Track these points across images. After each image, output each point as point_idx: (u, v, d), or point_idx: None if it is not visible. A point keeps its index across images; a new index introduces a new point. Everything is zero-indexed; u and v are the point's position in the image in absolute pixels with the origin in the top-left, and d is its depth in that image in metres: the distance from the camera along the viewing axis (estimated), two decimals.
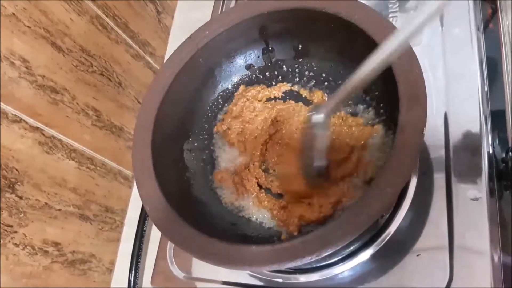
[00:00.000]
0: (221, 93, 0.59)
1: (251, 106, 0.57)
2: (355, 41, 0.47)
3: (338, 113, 0.52)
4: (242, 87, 0.58)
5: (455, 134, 0.53)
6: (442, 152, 0.52)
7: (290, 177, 0.51)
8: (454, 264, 0.47)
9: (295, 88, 0.57)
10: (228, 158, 0.56)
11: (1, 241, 0.52)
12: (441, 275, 0.47)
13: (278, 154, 0.53)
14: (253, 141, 0.55)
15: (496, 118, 0.52)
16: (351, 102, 0.52)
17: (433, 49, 0.57)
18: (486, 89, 0.54)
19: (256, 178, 0.53)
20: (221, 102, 0.59)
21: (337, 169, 0.48)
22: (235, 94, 0.59)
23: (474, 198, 0.49)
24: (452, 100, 0.54)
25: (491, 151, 0.50)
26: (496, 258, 0.46)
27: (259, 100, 0.57)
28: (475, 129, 0.52)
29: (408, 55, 0.42)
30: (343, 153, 0.48)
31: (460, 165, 0.51)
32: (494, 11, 0.59)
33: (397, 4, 0.62)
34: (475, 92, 0.53)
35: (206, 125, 0.58)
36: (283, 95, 0.57)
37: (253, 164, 0.53)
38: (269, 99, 0.58)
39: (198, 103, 0.58)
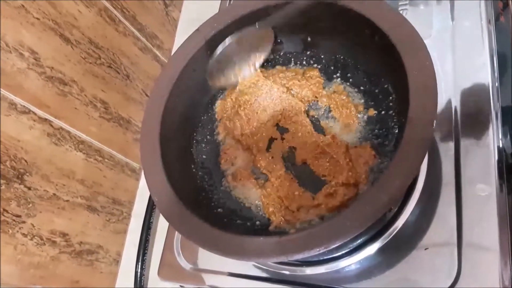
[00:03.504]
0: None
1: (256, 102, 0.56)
2: (364, 33, 0.47)
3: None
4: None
5: (465, 129, 0.52)
6: (452, 146, 0.52)
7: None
8: (462, 259, 0.47)
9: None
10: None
11: (10, 231, 0.53)
12: (449, 271, 0.47)
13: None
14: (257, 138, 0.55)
15: (507, 112, 0.52)
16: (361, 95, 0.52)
17: (443, 42, 0.57)
18: (496, 84, 0.53)
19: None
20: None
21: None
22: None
23: (483, 193, 0.48)
24: (462, 94, 0.54)
25: (501, 146, 0.50)
26: (504, 254, 0.46)
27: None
28: (485, 123, 0.51)
29: (418, 48, 0.42)
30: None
31: (469, 160, 0.50)
32: (506, 4, 0.58)
33: None
34: (486, 86, 0.53)
35: (213, 117, 0.58)
36: None
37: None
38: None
39: (205, 95, 0.58)
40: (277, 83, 0.56)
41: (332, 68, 0.55)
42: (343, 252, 0.50)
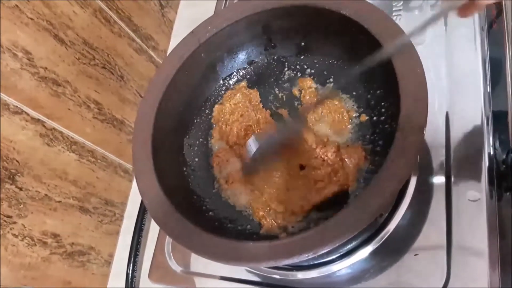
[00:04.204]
0: (222, 89, 0.59)
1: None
2: (358, 39, 0.47)
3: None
4: (243, 84, 0.58)
5: (456, 134, 0.52)
6: (443, 152, 0.52)
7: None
8: (451, 264, 0.47)
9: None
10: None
11: (0, 232, 0.53)
12: (439, 275, 0.47)
13: None
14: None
15: (498, 119, 0.52)
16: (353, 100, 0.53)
17: (436, 48, 0.57)
18: (488, 90, 0.54)
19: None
20: (221, 98, 0.59)
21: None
22: (232, 90, 0.59)
23: (473, 199, 0.49)
24: (454, 100, 0.54)
25: (491, 153, 0.50)
26: (493, 259, 0.46)
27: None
28: (477, 129, 0.52)
29: (410, 54, 0.42)
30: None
31: (460, 166, 0.51)
32: (499, 12, 0.59)
33: (401, 3, 0.62)
34: (478, 92, 0.53)
35: (206, 120, 0.58)
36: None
37: None
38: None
39: (198, 98, 0.58)
40: None
41: (325, 72, 0.55)
42: (335, 256, 0.51)
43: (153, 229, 0.71)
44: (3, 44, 0.52)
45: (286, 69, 0.58)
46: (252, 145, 0.48)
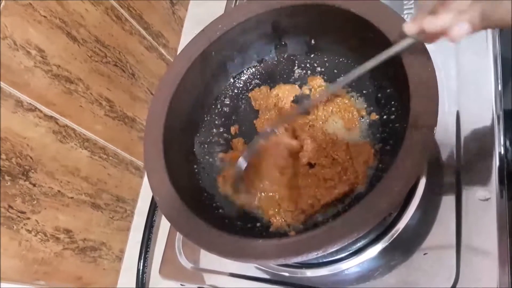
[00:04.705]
0: (232, 87, 0.59)
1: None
2: (368, 37, 0.47)
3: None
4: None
5: (467, 134, 0.52)
6: (453, 151, 0.52)
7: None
8: (460, 263, 0.47)
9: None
10: None
11: (14, 227, 0.53)
12: (448, 275, 0.47)
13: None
14: None
15: (509, 118, 0.52)
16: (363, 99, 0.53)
17: (446, 47, 0.56)
18: (499, 89, 0.53)
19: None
20: (232, 96, 0.59)
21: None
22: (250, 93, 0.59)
23: (483, 199, 0.48)
24: (465, 99, 0.54)
25: (502, 152, 0.50)
26: (503, 259, 0.46)
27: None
28: (487, 129, 0.51)
29: (420, 53, 0.42)
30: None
31: (470, 165, 0.51)
32: None
33: (412, 2, 0.62)
34: (488, 91, 0.53)
35: (215, 119, 0.58)
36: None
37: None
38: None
39: (209, 96, 0.58)
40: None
41: (335, 71, 0.55)
42: (344, 254, 0.51)
43: (163, 226, 0.71)
44: (17, 42, 0.53)
45: (296, 67, 0.58)
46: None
